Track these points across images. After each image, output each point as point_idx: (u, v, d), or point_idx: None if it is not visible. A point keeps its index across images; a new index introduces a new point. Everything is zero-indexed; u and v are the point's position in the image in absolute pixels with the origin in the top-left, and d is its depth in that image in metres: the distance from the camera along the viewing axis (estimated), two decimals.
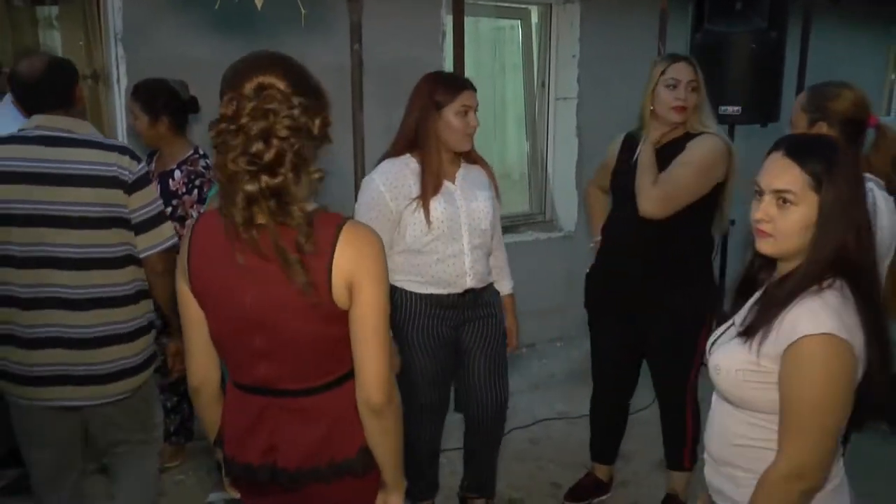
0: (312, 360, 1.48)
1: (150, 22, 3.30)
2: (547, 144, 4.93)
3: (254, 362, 1.48)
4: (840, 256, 1.43)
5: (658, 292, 2.70)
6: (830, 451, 1.42)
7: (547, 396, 3.96)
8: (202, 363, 1.56)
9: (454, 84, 2.45)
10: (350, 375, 1.49)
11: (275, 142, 1.32)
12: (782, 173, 1.45)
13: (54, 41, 3.49)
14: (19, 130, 2.13)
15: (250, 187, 1.32)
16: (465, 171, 2.56)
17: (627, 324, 2.82)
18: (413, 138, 2.44)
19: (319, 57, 3.69)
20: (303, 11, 1.62)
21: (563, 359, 4.41)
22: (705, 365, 2.44)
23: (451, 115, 2.41)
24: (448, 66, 3.84)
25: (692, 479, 2.97)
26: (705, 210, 2.67)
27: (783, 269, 1.51)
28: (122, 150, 2.13)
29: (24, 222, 2.04)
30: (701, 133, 2.65)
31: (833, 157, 1.44)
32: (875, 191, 2.05)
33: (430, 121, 2.41)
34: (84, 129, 2.15)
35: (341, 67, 3.34)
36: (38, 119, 2.12)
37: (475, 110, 2.47)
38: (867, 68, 7.02)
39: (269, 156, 1.32)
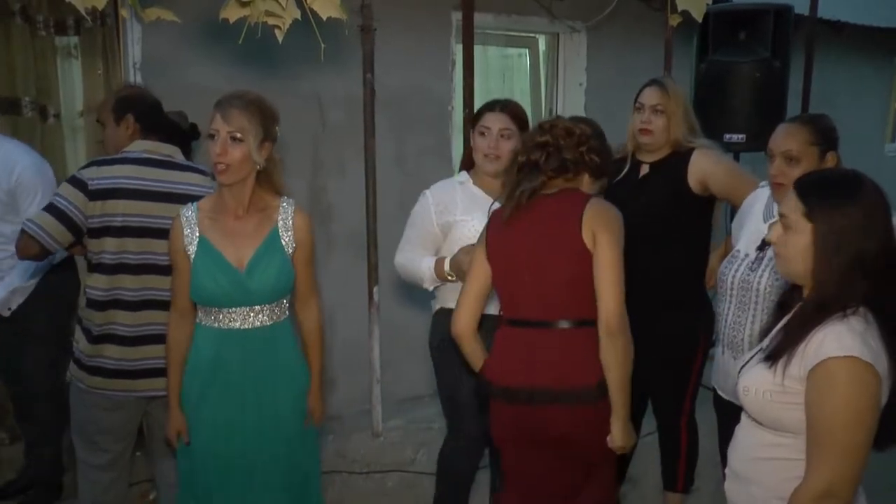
0: None
1: (169, 52, 3.38)
2: None
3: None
4: (853, 285, 1.46)
5: (650, 316, 2.69)
6: (860, 468, 1.43)
7: None
8: None
9: (484, 106, 2.56)
10: None
11: None
12: (786, 199, 1.53)
13: (74, 70, 3.57)
14: (125, 152, 2.38)
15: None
16: None
17: None
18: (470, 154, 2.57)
19: (332, 86, 3.79)
20: (322, 46, 1.69)
21: None
22: (705, 387, 2.45)
23: (476, 134, 2.52)
24: (458, 95, 3.92)
25: (685, 501, 2.98)
26: (698, 230, 2.66)
27: (806, 293, 1.55)
28: (212, 174, 2.37)
29: (138, 233, 2.30)
30: (691, 149, 2.62)
31: (833, 190, 1.49)
32: None
33: (469, 139, 2.58)
34: (180, 155, 2.47)
35: (354, 97, 3.40)
36: (145, 144, 2.39)
37: (504, 135, 2.45)
38: (870, 97, 7.06)
39: None
